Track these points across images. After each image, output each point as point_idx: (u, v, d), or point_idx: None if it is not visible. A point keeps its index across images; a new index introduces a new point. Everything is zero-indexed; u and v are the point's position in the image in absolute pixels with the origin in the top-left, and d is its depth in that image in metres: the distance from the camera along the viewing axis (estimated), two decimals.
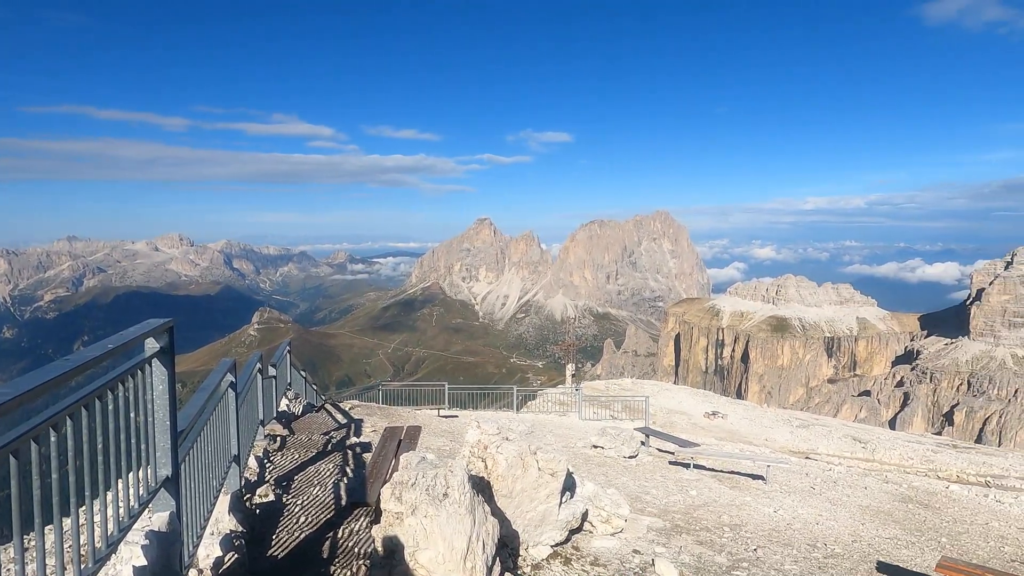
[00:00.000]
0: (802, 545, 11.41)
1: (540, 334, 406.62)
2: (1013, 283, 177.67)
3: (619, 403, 41.26)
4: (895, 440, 53.91)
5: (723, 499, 14.31)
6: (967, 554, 12.85)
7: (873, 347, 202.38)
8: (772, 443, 43.17)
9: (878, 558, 11.28)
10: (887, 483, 21.14)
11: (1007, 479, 34.29)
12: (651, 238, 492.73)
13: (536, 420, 28.55)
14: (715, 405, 58.52)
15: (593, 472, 15.40)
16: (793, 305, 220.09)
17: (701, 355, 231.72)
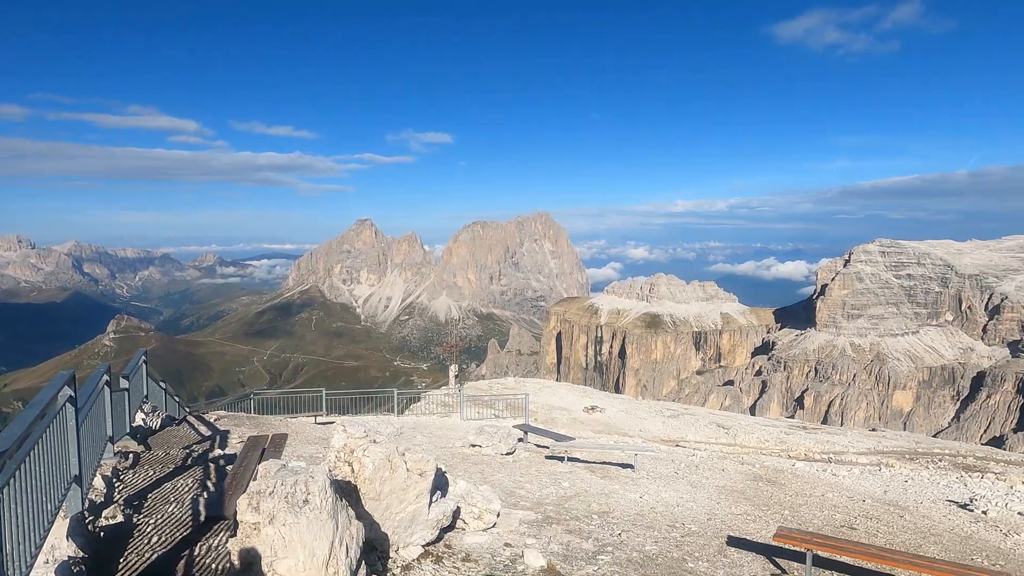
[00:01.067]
0: (663, 526, 12.19)
1: (424, 336, 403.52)
2: (851, 279, 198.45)
3: (502, 402, 41.85)
4: (754, 425, 58.59)
5: (594, 489, 14.97)
6: (804, 523, 14.26)
7: (735, 340, 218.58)
8: (646, 433, 45.54)
9: (729, 533, 12.27)
10: (743, 464, 22.97)
11: (846, 455, 38.29)
12: (532, 239, 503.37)
13: (417, 422, 28.40)
14: (594, 400, 60.82)
15: (469, 470, 15.59)
16: (665, 302, 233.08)
17: (581, 352, 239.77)
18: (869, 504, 17.39)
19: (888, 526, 14.85)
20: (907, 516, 16.39)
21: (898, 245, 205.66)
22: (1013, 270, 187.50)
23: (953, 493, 21.32)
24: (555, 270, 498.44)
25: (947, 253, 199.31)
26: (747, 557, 10.83)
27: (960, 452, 44.28)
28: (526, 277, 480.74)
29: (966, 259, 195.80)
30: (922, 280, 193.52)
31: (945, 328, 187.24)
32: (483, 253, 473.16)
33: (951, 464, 35.46)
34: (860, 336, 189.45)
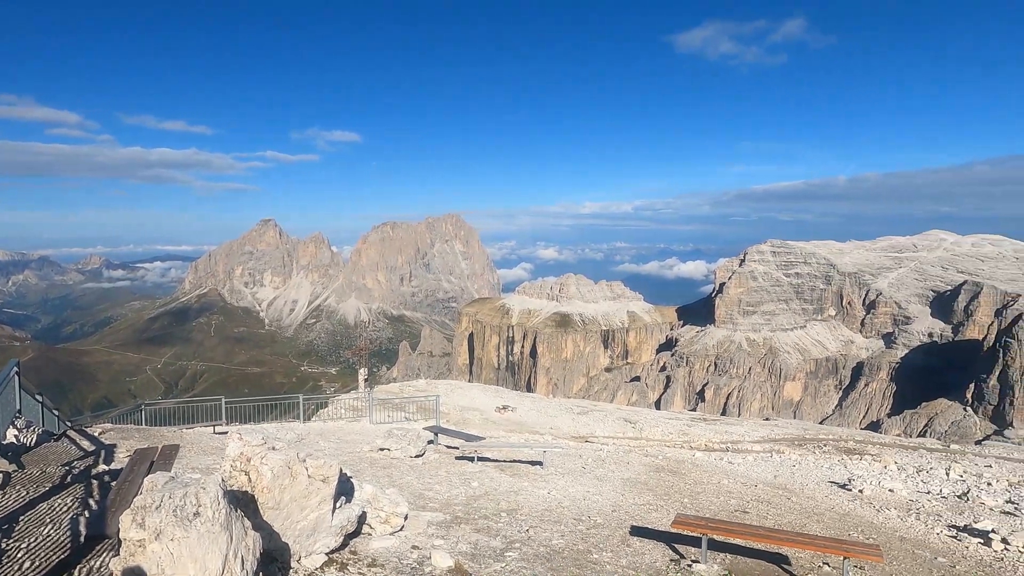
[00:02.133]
0: (569, 520, 12.46)
1: (333, 339, 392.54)
2: (746, 278, 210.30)
3: (413, 404, 41.38)
4: (659, 419, 60.93)
5: (503, 487, 15.10)
6: (702, 510, 14.99)
7: (641, 337, 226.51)
8: (556, 430, 46.37)
9: (632, 523, 12.71)
10: (647, 456, 23.84)
11: (742, 443, 40.51)
12: (443, 240, 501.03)
13: (324, 428, 27.62)
14: (506, 400, 61.30)
15: (377, 474, 15.34)
16: (574, 302, 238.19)
17: (493, 352, 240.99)
18: (761, 489, 18.49)
19: (777, 508, 15.85)
20: (794, 498, 17.55)
21: (787, 246, 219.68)
22: (886, 268, 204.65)
23: (835, 475, 23.02)
24: (466, 271, 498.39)
25: (830, 253, 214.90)
26: (649, 545, 11.26)
27: (842, 437, 47.87)
28: (437, 278, 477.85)
29: (846, 258, 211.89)
30: (808, 278, 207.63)
31: (829, 322, 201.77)
32: (393, 254, 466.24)
33: (834, 448, 38.25)
34: (755, 331, 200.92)
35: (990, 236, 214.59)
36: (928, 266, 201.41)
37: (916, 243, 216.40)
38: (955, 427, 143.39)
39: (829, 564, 10.99)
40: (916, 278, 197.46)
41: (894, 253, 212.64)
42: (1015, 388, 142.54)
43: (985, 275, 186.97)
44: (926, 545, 13.43)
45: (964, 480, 25.34)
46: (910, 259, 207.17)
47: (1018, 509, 18.41)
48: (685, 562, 10.39)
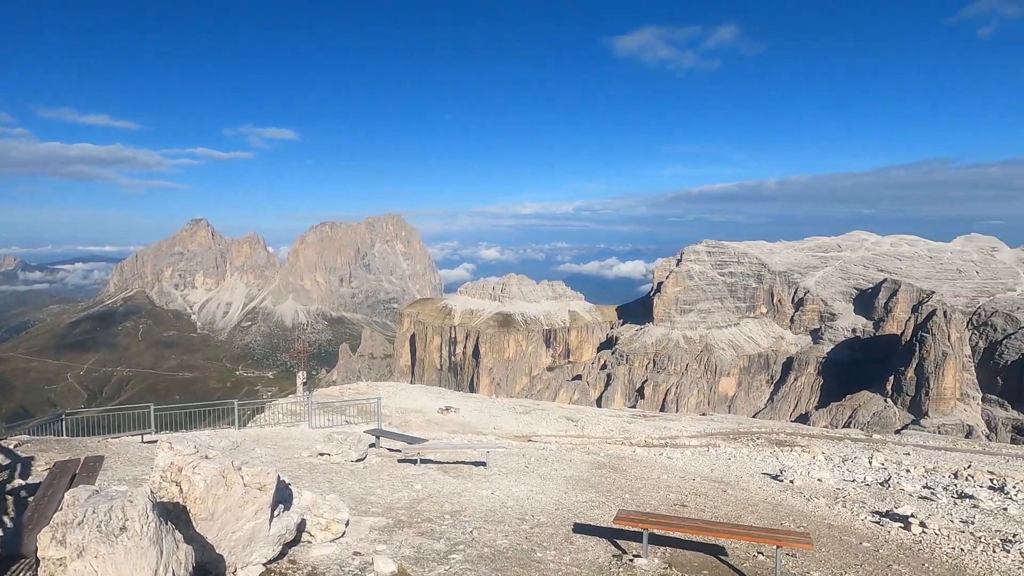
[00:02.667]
0: (513, 520, 12.49)
1: (269, 342, 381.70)
2: (683, 277, 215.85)
3: (354, 408, 40.63)
4: (600, 416, 61.80)
5: (446, 489, 15.00)
6: (643, 504, 15.29)
7: (582, 336, 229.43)
8: (499, 430, 46.41)
9: (575, 520, 12.84)
10: (589, 454, 24.14)
11: (680, 439, 41.55)
12: (384, 240, 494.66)
13: (261, 434, 26.80)
14: (449, 401, 60.91)
15: (317, 480, 14.99)
16: (516, 302, 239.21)
17: (436, 353, 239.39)
18: (698, 482, 19.01)
19: (714, 501, 16.32)
20: (730, 490, 18.11)
21: (721, 246, 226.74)
22: (813, 267, 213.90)
23: (767, 467, 23.88)
24: (408, 271, 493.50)
25: (761, 253, 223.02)
26: (591, 541, 11.39)
27: (774, 430, 49.75)
28: (378, 279, 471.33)
29: (776, 258, 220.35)
30: (741, 277, 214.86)
31: (761, 319, 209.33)
32: (332, 255, 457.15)
33: (767, 441, 39.70)
34: (691, 329, 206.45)
35: (907, 236, 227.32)
36: (851, 265, 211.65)
37: (840, 243, 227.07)
38: (877, 418, 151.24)
39: (763, 553, 11.38)
40: (840, 277, 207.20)
41: (820, 253, 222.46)
42: (930, 380, 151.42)
43: (902, 273, 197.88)
44: (852, 531, 14.08)
45: (885, 468, 26.73)
46: (835, 258, 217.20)
47: (934, 494, 19.54)
48: (627, 557, 10.56)
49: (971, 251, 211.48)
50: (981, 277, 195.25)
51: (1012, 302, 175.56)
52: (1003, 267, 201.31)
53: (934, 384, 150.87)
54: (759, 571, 10.54)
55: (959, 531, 14.27)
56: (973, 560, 12.30)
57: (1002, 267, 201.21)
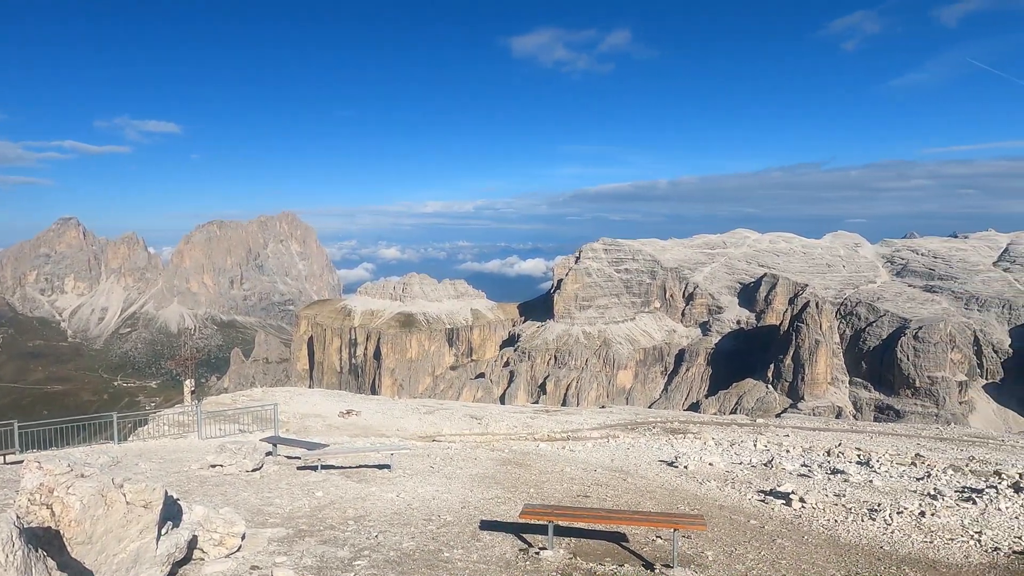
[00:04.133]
0: (419, 521, 12.36)
1: (152, 350, 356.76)
2: (581, 274, 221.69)
3: (248, 415, 38.73)
4: (504, 413, 62.32)
5: (349, 494, 14.62)
6: (548, 498, 15.57)
7: (485, 334, 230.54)
8: (404, 431, 45.76)
9: (482, 518, 12.88)
10: (493, 451, 24.29)
11: (581, 431, 42.64)
12: (278, 240, 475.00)
13: (144, 448, 25.01)
14: (350, 404, 59.36)
15: (209, 493, 14.18)
16: (418, 301, 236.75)
17: (335, 356, 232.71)
18: (600, 473, 19.59)
19: (615, 490, 16.88)
20: (629, 479, 18.80)
21: (617, 243, 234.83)
22: (701, 263, 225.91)
23: (663, 454, 24.97)
24: (304, 272, 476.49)
25: (654, 250, 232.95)
26: (499, 537, 11.47)
27: (668, 419, 52.09)
28: (272, 280, 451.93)
29: (668, 255, 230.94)
30: (636, 273, 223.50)
31: (654, 314, 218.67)
32: (221, 255, 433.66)
33: (662, 430, 41.51)
34: (590, 325, 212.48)
35: (783, 234, 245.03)
36: (735, 261, 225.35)
37: (725, 240, 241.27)
38: (760, 403, 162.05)
39: (662, 537, 11.90)
40: (726, 272, 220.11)
41: (708, 250, 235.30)
42: (805, 366, 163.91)
43: (780, 268, 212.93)
44: (740, 510, 15.00)
45: (768, 450, 28.67)
46: (721, 255, 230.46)
47: (811, 471, 21.17)
48: (533, 550, 10.71)
49: (838, 247, 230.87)
50: (847, 271, 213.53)
51: (873, 293, 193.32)
52: (865, 261, 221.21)
53: (808, 370, 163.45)
54: (658, 554, 11.01)
55: (833, 504, 15.54)
56: (845, 529, 13.43)
57: (864, 261, 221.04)
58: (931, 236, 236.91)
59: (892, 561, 11.42)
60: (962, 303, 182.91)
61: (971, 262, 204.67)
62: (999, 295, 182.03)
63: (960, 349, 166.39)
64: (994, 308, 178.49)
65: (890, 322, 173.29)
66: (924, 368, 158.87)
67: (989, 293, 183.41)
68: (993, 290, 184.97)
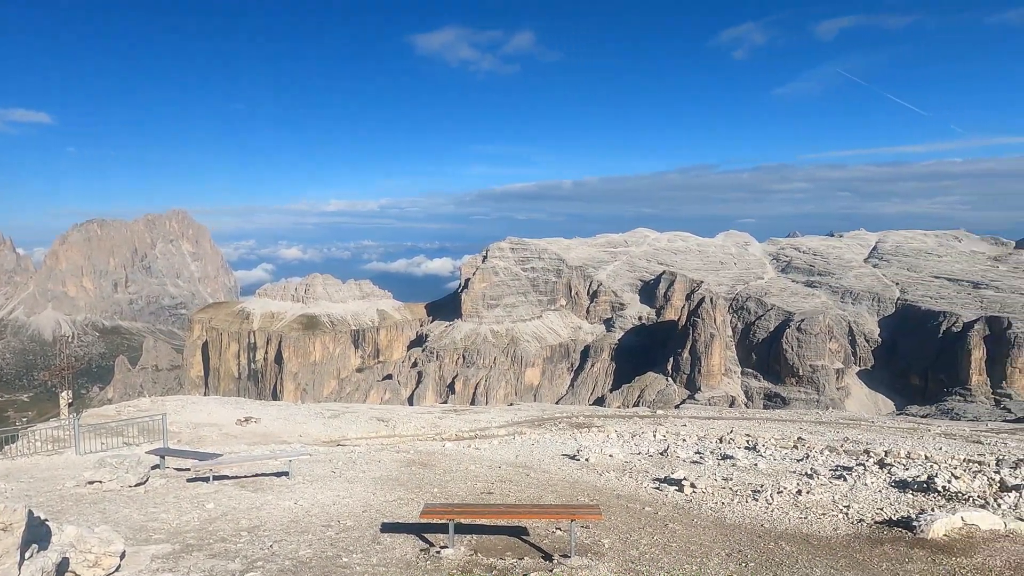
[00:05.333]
0: (318, 528, 12.05)
1: (23, 360, 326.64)
2: (488, 273, 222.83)
3: (135, 427, 36.27)
4: (411, 414, 61.64)
5: (243, 504, 14.03)
6: (452, 497, 15.58)
7: (392, 335, 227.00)
8: (306, 437, 44.29)
9: (383, 520, 12.72)
10: (398, 452, 24.00)
11: (489, 429, 42.92)
12: (167, 240, 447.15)
13: (12, 467, 22.89)
14: (249, 411, 56.81)
15: (86, 512, 13.19)
16: (321, 303, 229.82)
17: (233, 361, 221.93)
18: (504, 469, 19.80)
19: (518, 485, 17.13)
20: (532, 474, 19.12)
21: (524, 243, 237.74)
22: (604, 262, 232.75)
23: (567, 448, 25.56)
24: (197, 273, 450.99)
25: (559, 249, 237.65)
26: (399, 539, 11.38)
27: (574, 414, 53.36)
28: (161, 283, 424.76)
29: (573, 253, 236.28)
30: (543, 272, 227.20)
31: (560, 311, 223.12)
32: (103, 257, 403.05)
33: (568, 424, 42.45)
34: (498, 323, 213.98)
35: (680, 233, 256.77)
36: (636, 259, 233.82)
37: (627, 239, 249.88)
38: (661, 395, 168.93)
39: (561, 528, 12.20)
40: (627, 270, 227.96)
41: (610, 248, 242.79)
42: (701, 359, 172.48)
43: (678, 266, 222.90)
44: (636, 498, 15.62)
45: (666, 440, 29.98)
46: (622, 253, 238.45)
47: (703, 458, 22.33)
48: (434, 549, 10.71)
49: (730, 245, 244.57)
50: (738, 268, 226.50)
51: (762, 288, 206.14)
52: (754, 259, 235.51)
53: (704, 362, 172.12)
54: (557, 545, 11.29)
55: (721, 488, 16.48)
56: (731, 510, 14.29)
57: (753, 259, 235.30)
58: (811, 235, 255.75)
59: (771, 537, 12.26)
60: (838, 297, 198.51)
61: (845, 259, 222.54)
62: (869, 289, 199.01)
63: (837, 339, 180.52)
64: (865, 301, 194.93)
65: (776, 315, 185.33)
66: (806, 358, 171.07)
67: (861, 287, 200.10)
68: (864, 285, 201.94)
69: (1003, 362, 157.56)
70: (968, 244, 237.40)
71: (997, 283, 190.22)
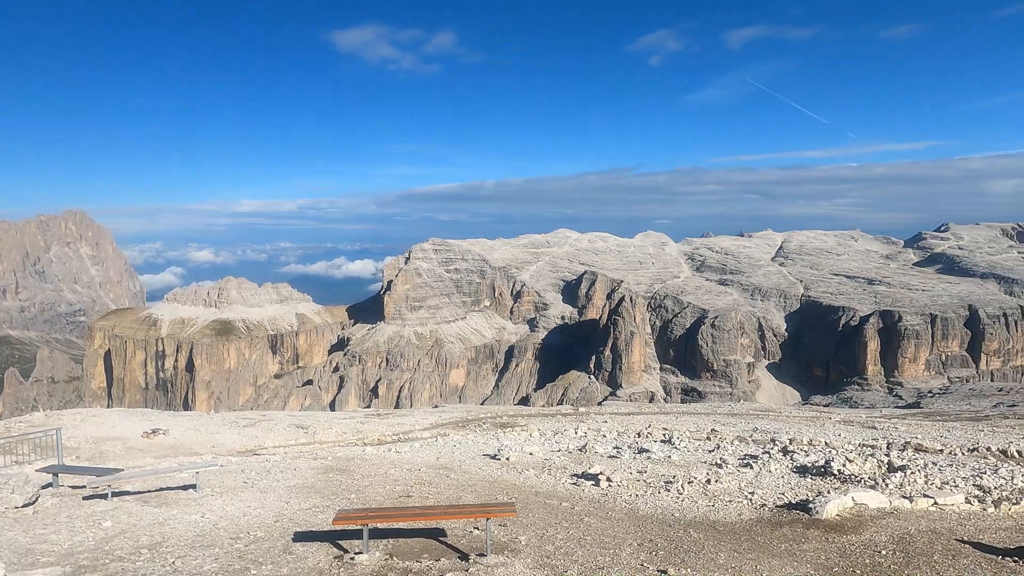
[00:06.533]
0: (225, 541, 11.58)
1: None
2: (411, 275, 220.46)
3: (26, 443, 33.65)
4: (333, 420, 60.15)
5: (145, 521, 13.30)
6: (369, 502, 15.32)
7: (312, 339, 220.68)
8: (220, 447, 42.40)
9: (296, 530, 12.37)
10: (316, 459, 23.36)
11: (413, 432, 42.45)
12: (64, 242, 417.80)
13: None
14: (156, 422, 53.92)
15: None
16: (236, 307, 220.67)
17: (139, 371, 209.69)
18: (424, 472, 19.65)
19: (437, 487, 17.04)
20: (453, 475, 19.07)
21: (447, 244, 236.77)
22: (527, 262, 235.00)
23: (488, 448, 25.63)
24: (98, 278, 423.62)
25: (483, 249, 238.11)
26: (312, 547, 11.10)
27: (498, 414, 53.59)
28: (57, 288, 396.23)
29: (496, 254, 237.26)
30: (466, 273, 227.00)
31: (485, 312, 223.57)
32: None
33: (492, 424, 42.58)
34: (422, 325, 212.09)
35: (600, 233, 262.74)
36: (558, 259, 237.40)
37: (549, 240, 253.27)
38: (584, 393, 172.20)
39: (479, 528, 12.23)
40: (550, 270, 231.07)
41: (533, 249, 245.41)
42: (622, 356, 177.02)
43: (599, 266, 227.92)
44: (554, 494, 15.87)
45: (586, 436, 30.59)
46: (545, 253, 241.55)
47: (620, 452, 22.92)
48: (348, 556, 10.51)
49: (648, 245, 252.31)
50: (656, 267, 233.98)
51: (678, 287, 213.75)
52: (671, 258, 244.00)
53: (625, 359, 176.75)
54: (474, 545, 11.31)
55: (635, 480, 16.98)
56: (644, 502, 14.75)
57: (670, 258, 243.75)
58: (723, 235, 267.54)
59: (681, 526, 12.74)
60: (748, 294, 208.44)
61: (754, 258, 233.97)
62: (777, 286, 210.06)
63: (748, 335, 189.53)
64: (773, 298, 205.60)
65: (692, 313, 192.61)
66: (720, 353, 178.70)
67: (769, 285, 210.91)
68: (772, 282, 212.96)
69: (895, 353, 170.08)
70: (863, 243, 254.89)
71: (889, 279, 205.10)
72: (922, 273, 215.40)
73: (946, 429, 38.41)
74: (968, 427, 41.02)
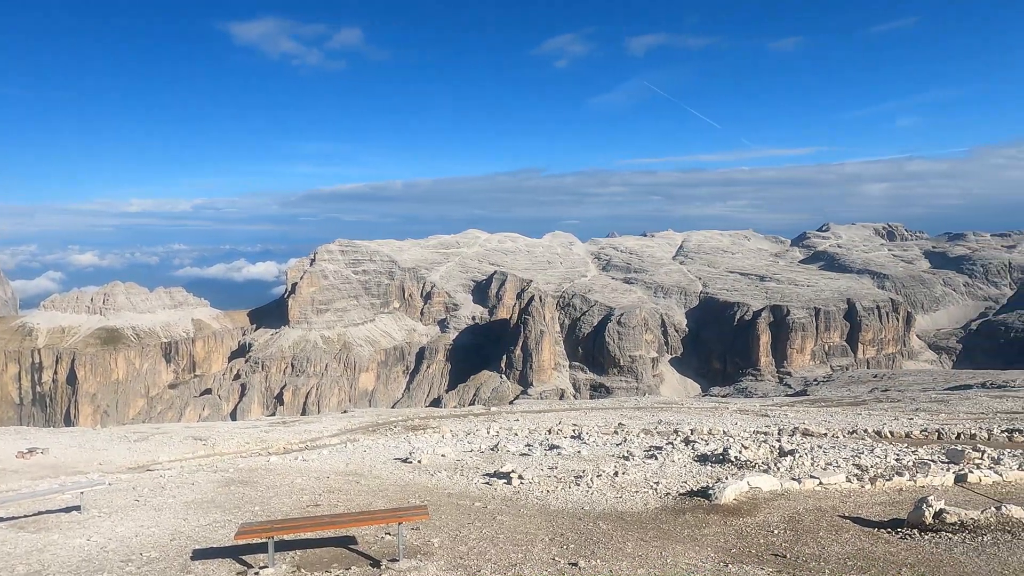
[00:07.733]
0: (116, 565, 10.81)
1: None
2: (317, 277, 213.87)
3: None
4: (234, 430, 57.29)
5: (21, 548, 12.20)
6: (275, 514, 14.73)
7: (210, 346, 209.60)
8: (107, 465, 39.48)
9: (195, 547, 11.72)
10: (216, 472, 22.21)
11: (321, 439, 41.18)
12: None
13: None
14: (33, 440, 49.52)
15: None
16: (124, 314, 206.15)
17: (12, 385, 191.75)
18: (333, 479, 19.13)
19: (347, 494, 16.64)
20: (363, 481, 18.68)
21: (354, 245, 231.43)
22: (437, 263, 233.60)
23: (400, 452, 25.29)
24: None
25: (391, 250, 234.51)
26: (213, 565, 10.56)
27: (410, 416, 52.92)
28: None
29: (405, 255, 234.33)
30: (375, 274, 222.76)
31: (394, 314, 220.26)
32: None
33: (403, 428, 42.01)
34: (329, 328, 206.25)
35: (510, 234, 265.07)
36: (468, 260, 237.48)
37: (459, 240, 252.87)
38: (495, 392, 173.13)
39: (391, 533, 12.04)
40: (460, 270, 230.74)
41: (443, 249, 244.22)
42: (532, 355, 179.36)
43: (508, 266, 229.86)
44: (467, 495, 15.86)
45: (498, 435, 30.78)
46: (455, 254, 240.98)
47: (532, 449, 23.23)
48: (253, 571, 10.08)
49: (556, 246, 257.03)
50: (564, 267, 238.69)
51: (586, 286, 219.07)
52: (578, 258, 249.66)
53: (535, 358, 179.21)
54: (386, 550, 11.13)
55: (547, 476, 17.26)
56: (555, 497, 15.02)
57: (577, 258, 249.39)
58: (628, 235, 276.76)
59: (591, 518, 13.07)
60: (652, 291, 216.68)
61: (657, 257, 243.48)
62: (677, 284, 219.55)
63: (652, 331, 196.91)
64: (674, 295, 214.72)
65: (599, 311, 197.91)
66: (626, 349, 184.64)
67: (670, 283, 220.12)
68: (673, 280, 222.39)
69: (784, 344, 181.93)
70: (755, 243, 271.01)
71: (778, 276, 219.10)
72: (807, 270, 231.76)
73: (829, 414, 41.53)
74: (848, 412, 44.53)
